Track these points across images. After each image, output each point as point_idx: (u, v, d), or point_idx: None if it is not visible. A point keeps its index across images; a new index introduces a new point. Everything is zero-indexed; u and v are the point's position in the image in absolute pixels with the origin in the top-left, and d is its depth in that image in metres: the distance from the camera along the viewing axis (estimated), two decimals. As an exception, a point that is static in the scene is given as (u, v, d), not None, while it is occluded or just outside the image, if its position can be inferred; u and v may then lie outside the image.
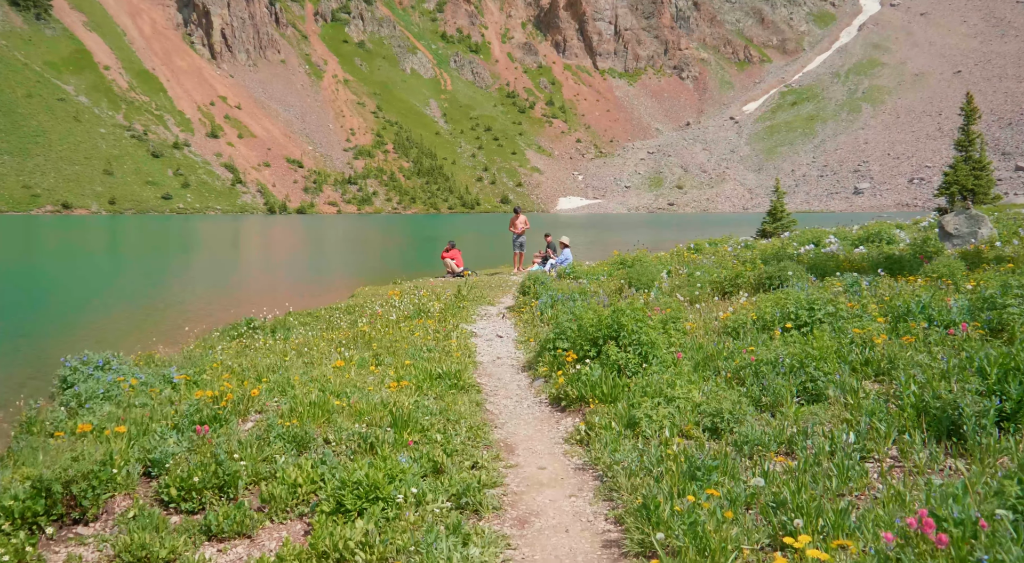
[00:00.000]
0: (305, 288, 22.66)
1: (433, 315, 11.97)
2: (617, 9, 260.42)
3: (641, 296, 11.28)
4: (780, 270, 10.24)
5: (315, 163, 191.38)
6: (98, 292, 23.11)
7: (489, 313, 13.19)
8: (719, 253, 17.95)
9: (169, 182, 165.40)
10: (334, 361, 8.60)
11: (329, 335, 10.75)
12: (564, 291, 12.02)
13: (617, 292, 12.01)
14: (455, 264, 21.80)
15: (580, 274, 15.15)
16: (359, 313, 12.92)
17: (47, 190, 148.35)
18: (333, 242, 59.05)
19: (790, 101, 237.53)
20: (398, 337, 10.22)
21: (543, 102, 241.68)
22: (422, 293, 14.53)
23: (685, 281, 11.67)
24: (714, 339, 8.02)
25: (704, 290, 10.66)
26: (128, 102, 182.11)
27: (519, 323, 11.53)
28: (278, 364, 8.58)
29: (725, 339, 8.05)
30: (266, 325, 11.37)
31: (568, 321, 8.27)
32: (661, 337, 7.43)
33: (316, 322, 12.98)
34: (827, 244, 17.31)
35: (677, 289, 11.15)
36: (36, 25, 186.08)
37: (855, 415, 5.57)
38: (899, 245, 17.00)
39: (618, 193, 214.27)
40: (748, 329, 8.09)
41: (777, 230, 33.18)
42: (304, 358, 9.09)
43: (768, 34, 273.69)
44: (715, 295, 10.76)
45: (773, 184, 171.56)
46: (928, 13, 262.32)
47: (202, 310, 17.94)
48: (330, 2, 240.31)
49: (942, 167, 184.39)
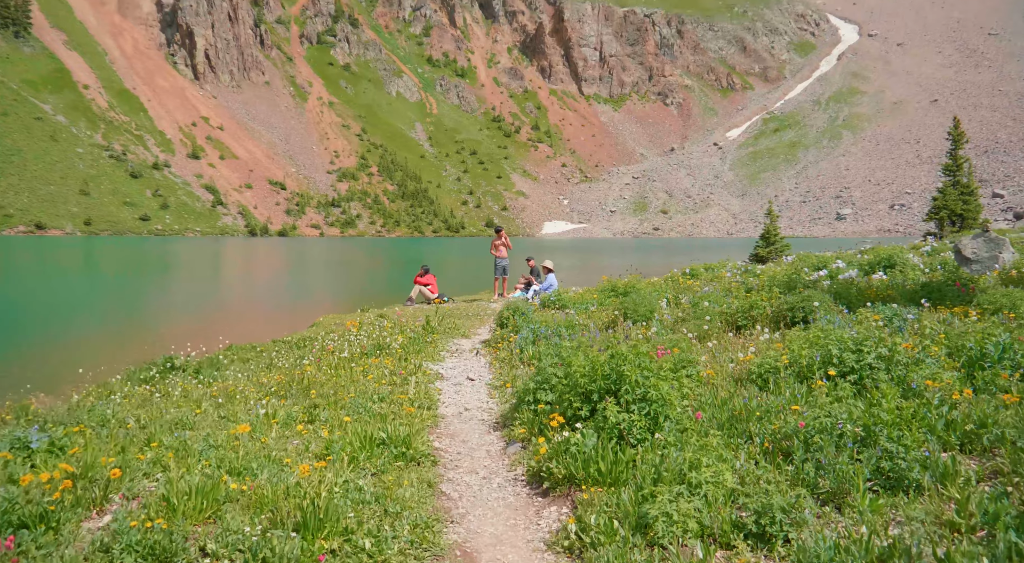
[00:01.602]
0: (264, 315, 20.77)
1: (394, 352, 10.19)
2: (602, 36, 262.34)
3: (638, 330, 9.58)
4: (804, 300, 8.59)
5: (298, 185, 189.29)
6: (16, 319, 21.03)
7: (462, 348, 11.43)
8: (719, 279, 16.32)
9: (147, 203, 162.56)
10: (258, 414, 6.80)
11: (264, 377, 8.94)
12: (548, 324, 10.30)
13: (610, 325, 10.32)
14: (429, 291, 20.01)
15: (567, 302, 13.42)
16: (309, 347, 11.11)
17: (20, 210, 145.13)
18: (309, 265, 57.01)
19: (772, 128, 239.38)
20: (346, 381, 8.43)
21: (529, 126, 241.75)
22: (386, 324, 12.72)
23: (690, 312, 9.99)
24: (738, 390, 6.31)
25: (714, 324, 8.98)
26: (107, 122, 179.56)
27: (495, 362, 9.78)
28: (185, 420, 6.76)
29: (750, 389, 6.35)
30: (191, 364, 9.52)
31: (553, 367, 6.53)
32: (673, 390, 5.70)
33: (258, 358, 11.16)
34: (837, 270, 15.75)
35: (681, 322, 9.46)
36: (14, 43, 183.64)
37: (964, 516, 3.89)
38: (916, 271, 15.46)
39: (603, 217, 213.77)
40: (780, 376, 6.39)
41: (771, 254, 31.76)
42: (223, 410, 7.27)
43: (750, 62, 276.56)
44: (727, 330, 9.10)
45: (757, 209, 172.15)
46: (905, 43, 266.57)
47: (135, 340, 15.99)
48: (316, 25, 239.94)
49: (922, 193, 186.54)
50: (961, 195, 43.99)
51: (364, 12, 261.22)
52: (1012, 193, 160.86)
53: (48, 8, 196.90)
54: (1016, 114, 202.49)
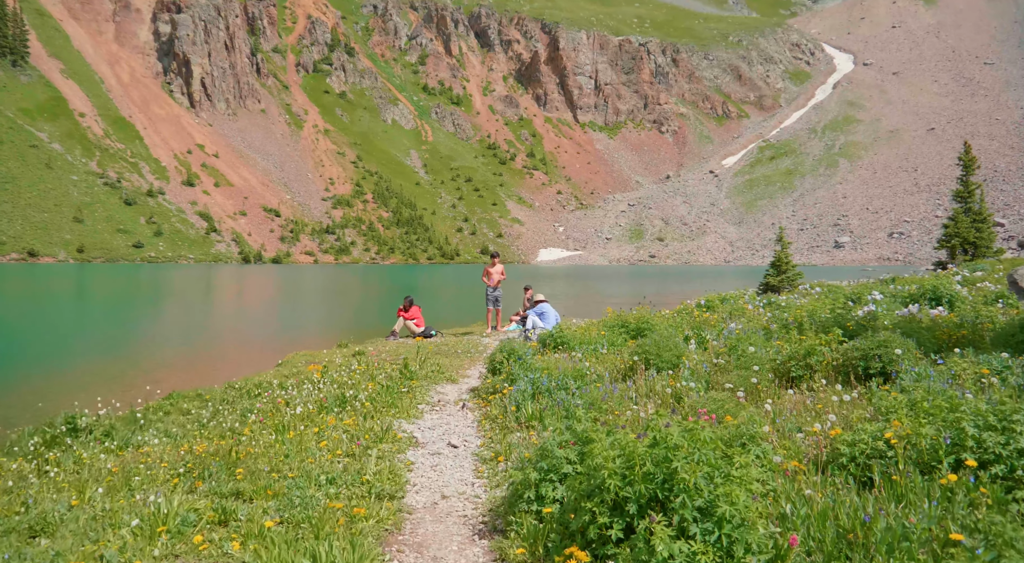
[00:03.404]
0: (232, 350, 18.77)
1: (360, 405, 8.21)
2: (597, 64, 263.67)
3: (663, 380, 7.64)
4: (881, 347, 6.68)
5: (293, 212, 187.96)
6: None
7: (445, 398, 9.46)
8: (740, 312, 14.39)
9: (141, 230, 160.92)
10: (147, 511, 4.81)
11: (189, 444, 6.95)
12: (551, 371, 8.35)
13: (627, 374, 8.39)
14: (415, 324, 18.03)
15: (570, 342, 11.45)
16: (259, 397, 9.14)
17: (13, 237, 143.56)
18: (296, 293, 54.94)
19: (768, 156, 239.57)
20: (293, 449, 6.47)
21: (524, 154, 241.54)
22: (357, 367, 10.73)
23: (727, 357, 8.06)
24: (833, 490, 4.36)
25: (763, 375, 7.07)
26: (103, 149, 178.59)
27: (484, 420, 7.81)
28: (48, 520, 4.79)
29: (847, 485, 4.42)
30: (100, 424, 7.54)
31: (564, 449, 4.60)
32: (737, 488, 3.75)
33: (202, 408, 9.18)
34: (874, 301, 13.85)
35: (720, 372, 7.52)
36: (12, 72, 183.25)
37: None
38: (964, 303, 13.58)
39: (599, 245, 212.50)
40: (890, 464, 4.46)
41: (783, 283, 29.86)
42: (111, 499, 5.30)
43: (745, 90, 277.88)
44: (779, 383, 7.19)
45: (754, 237, 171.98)
46: (900, 72, 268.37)
47: (69, 383, 13.96)
48: (312, 53, 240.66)
49: (921, 222, 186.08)
50: (973, 223, 42.38)
51: (360, 41, 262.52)
52: (1013, 222, 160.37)
53: (46, 37, 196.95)
54: (1014, 142, 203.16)
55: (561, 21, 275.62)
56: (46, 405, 11.00)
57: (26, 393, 13.26)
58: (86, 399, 12.54)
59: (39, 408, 10.54)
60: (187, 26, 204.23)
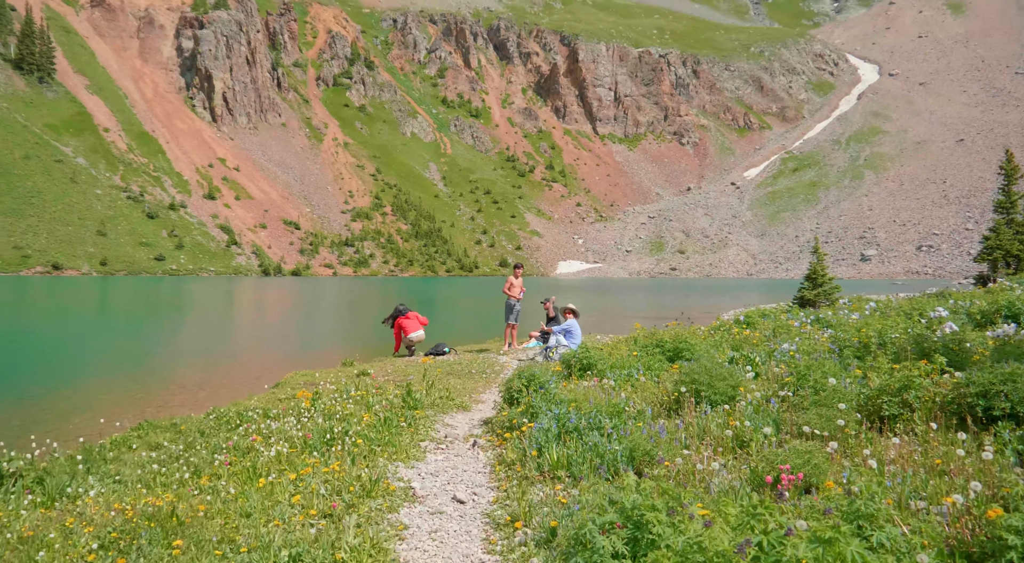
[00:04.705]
0: (233, 368, 17.54)
1: (351, 443, 6.83)
2: (617, 76, 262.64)
3: (719, 417, 6.19)
4: (1009, 381, 5.20)
5: (312, 225, 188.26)
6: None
7: (455, 432, 8.05)
8: (786, 329, 12.85)
9: (163, 243, 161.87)
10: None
11: (132, 497, 5.61)
12: (580, 403, 6.91)
13: (672, 407, 6.95)
14: (416, 337, 16.61)
15: (597, 363, 9.98)
16: (239, 428, 7.81)
17: (38, 251, 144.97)
18: (311, 306, 53.95)
19: (791, 167, 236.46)
20: (256, 506, 5.11)
21: (543, 166, 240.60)
22: (355, 392, 9.36)
23: (792, 387, 6.57)
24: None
25: (850, 415, 5.59)
26: (126, 164, 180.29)
27: (499, 466, 6.39)
28: None
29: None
30: (31, 470, 6.23)
31: (611, 540, 3.19)
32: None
33: (173, 441, 7.87)
34: (940, 320, 12.27)
35: (791, 409, 6.05)
36: (38, 88, 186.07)
37: None
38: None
39: (619, 257, 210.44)
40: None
41: (819, 297, 28.20)
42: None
43: (767, 102, 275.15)
44: (866, 424, 5.72)
45: (777, 250, 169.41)
46: (928, 83, 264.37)
47: (49, 406, 12.73)
48: (332, 67, 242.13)
49: (951, 234, 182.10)
50: (1016, 234, 40.46)
51: (380, 55, 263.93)
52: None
53: (72, 54, 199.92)
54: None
55: (580, 33, 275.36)
56: (10, 435, 9.76)
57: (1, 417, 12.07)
58: (58, 425, 11.28)
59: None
60: (209, 41, 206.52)
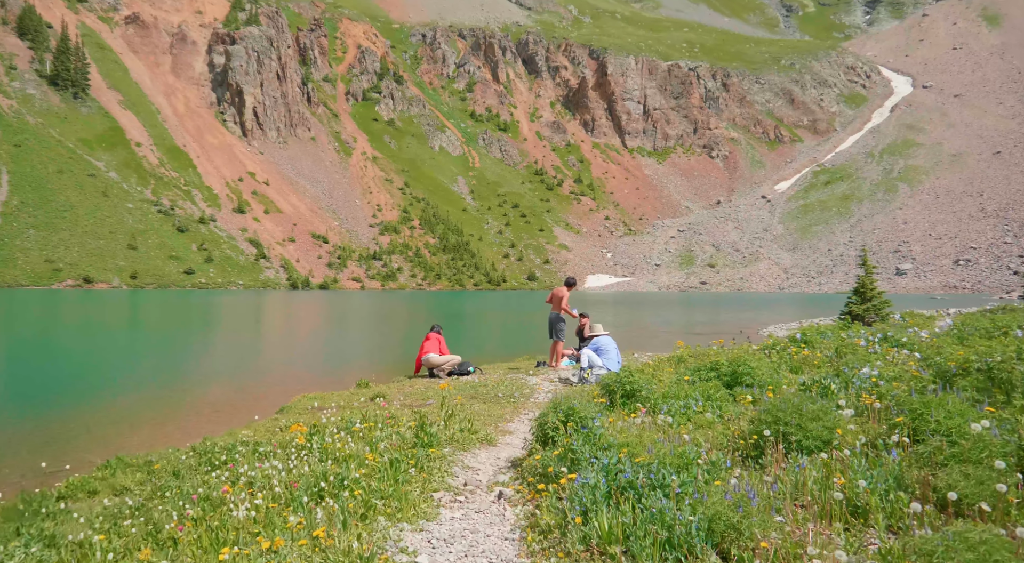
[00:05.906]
0: (243, 389, 16.35)
1: (348, 495, 5.48)
2: (646, 90, 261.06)
3: (816, 468, 4.73)
4: None
5: (340, 239, 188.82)
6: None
7: (476, 477, 6.65)
8: (852, 350, 11.26)
9: (192, 257, 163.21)
10: None
11: None
12: (634, 449, 5.47)
13: (749, 453, 5.50)
14: (439, 353, 15.25)
15: (643, 389, 8.53)
16: (223, 466, 6.50)
17: (70, 264, 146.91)
18: (335, 320, 52.98)
19: (823, 180, 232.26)
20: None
21: (571, 179, 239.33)
22: (361, 424, 8.00)
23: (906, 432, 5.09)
24: None
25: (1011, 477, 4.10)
26: (157, 178, 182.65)
27: (532, 532, 4.97)
28: None
29: None
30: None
31: None
32: None
33: (142, 483, 6.59)
34: None
35: (918, 462, 4.57)
36: (73, 104, 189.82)
37: None
38: None
39: (648, 271, 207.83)
40: None
41: (868, 312, 26.35)
42: None
43: (799, 114, 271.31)
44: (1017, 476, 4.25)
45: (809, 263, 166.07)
46: (962, 95, 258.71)
47: (44, 435, 11.59)
48: (362, 82, 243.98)
49: (989, 248, 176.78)
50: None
51: (409, 69, 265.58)
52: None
53: (106, 70, 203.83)
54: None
55: (609, 47, 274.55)
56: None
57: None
58: (48, 455, 10.13)
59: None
60: (240, 57, 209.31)
